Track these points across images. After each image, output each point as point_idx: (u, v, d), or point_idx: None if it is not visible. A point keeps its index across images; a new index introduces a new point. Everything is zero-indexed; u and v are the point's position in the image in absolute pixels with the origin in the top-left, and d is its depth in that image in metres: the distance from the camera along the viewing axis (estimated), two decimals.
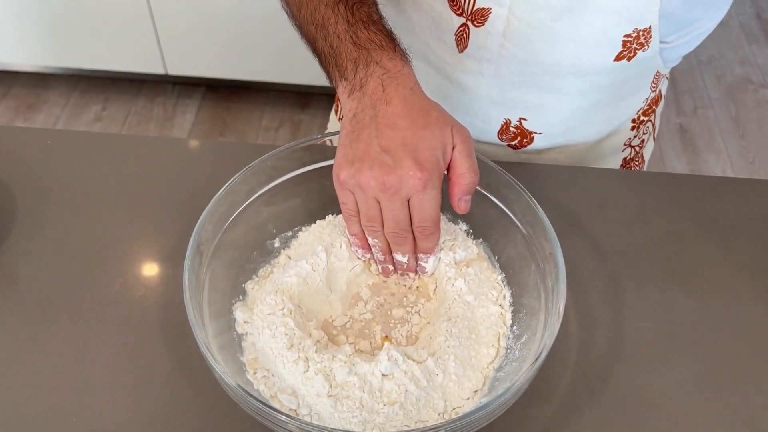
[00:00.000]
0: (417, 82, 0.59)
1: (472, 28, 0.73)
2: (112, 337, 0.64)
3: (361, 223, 0.60)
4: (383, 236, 0.61)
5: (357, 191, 0.58)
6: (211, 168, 0.79)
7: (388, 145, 0.55)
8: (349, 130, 0.58)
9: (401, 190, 0.56)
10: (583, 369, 0.63)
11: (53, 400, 0.60)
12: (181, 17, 1.98)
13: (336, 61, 0.61)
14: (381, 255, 0.63)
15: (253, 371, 0.58)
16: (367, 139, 0.56)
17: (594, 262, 0.70)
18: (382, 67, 0.58)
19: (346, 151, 0.58)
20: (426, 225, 0.58)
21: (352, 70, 0.59)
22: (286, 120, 2.20)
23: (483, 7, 0.71)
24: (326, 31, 0.62)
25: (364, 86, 0.58)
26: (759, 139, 2.23)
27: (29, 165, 0.79)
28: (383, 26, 0.62)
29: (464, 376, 0.57)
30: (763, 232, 0.74)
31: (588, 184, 0.79)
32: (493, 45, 0.74)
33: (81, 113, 2.23)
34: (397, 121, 0.56)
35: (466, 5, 0.72)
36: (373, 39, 0.60)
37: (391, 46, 0.60)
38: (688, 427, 0.59)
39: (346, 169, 0.57)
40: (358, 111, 0.58)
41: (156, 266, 0.70)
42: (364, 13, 0.62)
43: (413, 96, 0.58)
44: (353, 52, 0.60)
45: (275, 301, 0.60)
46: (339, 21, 0.61)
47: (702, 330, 0.66)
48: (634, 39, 0.70)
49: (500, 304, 0.63)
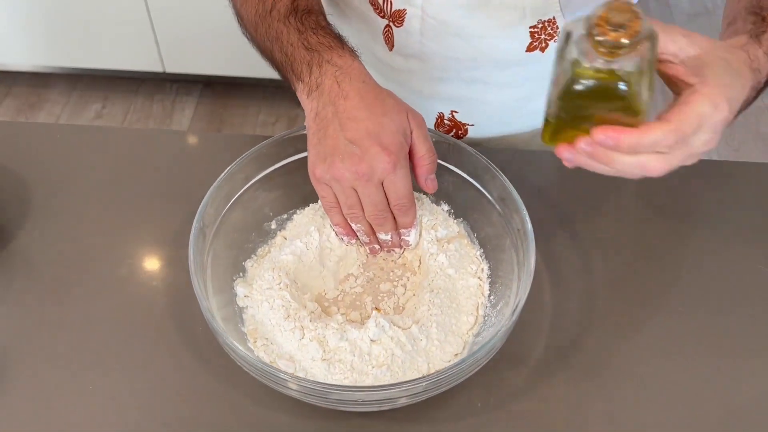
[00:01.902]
0: (368, 74, 0.64)
1: (395, 29, 0.80)
2: (122, 313, 0.70)
3: (343, 211, 0.66)
4: (365, 220, 0.66)
5: (334, 184, 0.63)
6: (210, 158, 0.84)
7: (354, 137, 0.61)
8: (315, 129, 0.63)
9: (374, 176, 0.61)
10: (556, 335, 0.68)
11: (70, 371, 0.65)
12: (178, 16, 2.02)
13: (292, 67, 0.66)
14: (366, 237, 0.68)
15: (254, 340, 0.64)
16: (334, 135, 0.62)
17: (566, 238, 0.76)
18: (333, 65, 0.63)
19: (317, 149, 0.63)
20: (402, 202, 0.64)
21: (307, 72, 0.64)
22: (283, 115, 2.25)
23: (399, 8, 0.77)
24: (281, 43, 0.67)
25: (321, 85, 0.63)
26: (743, 125, 2.28)
27: (41, 158, 0.84)
28: (331, 30, 0.67)
29: (445, 341, 0.63)
30: (727, 210, 0.80)
31: (561, 167, 0.84)
32: (414, 43, 0.80)
33: (81, 111, 2.28)
34: (357, 113, 0.61)
35: (385, 7, 0.78)
36: (322, 42, 0.65)
37: (340, 45, 0.65)
38: (653, 388, 0.65)
39: (320, 166, 0.62)
40: (320, 109, 0.63)
41: (161, 249, 0.75)
42: (313, 21, 0.67)
43: (367, 87, 0.63)
44: (306, 56, 0.65)
45: (272, 277, 0.66)
46: (291, 31, 0.67)
47: (667, 298, 0.71)
48: (541, 30, 0.75)
49: (479, 276, 0.68)
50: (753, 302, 0.71)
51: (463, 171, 0.71)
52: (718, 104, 0.49)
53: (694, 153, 0.52)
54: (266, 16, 0.69)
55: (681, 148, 0.51)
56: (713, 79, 0.50)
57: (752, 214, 0.79)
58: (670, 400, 0.64)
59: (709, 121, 0.50)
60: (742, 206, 0.80)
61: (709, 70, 0.51)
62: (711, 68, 0.51)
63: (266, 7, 0.69)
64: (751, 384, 0.65)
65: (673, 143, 0.50)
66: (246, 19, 0.73)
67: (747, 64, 0.54)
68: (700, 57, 0.52)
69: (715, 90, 0.50)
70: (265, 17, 0.69)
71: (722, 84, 0.50)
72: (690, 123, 0.49)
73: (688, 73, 0.52)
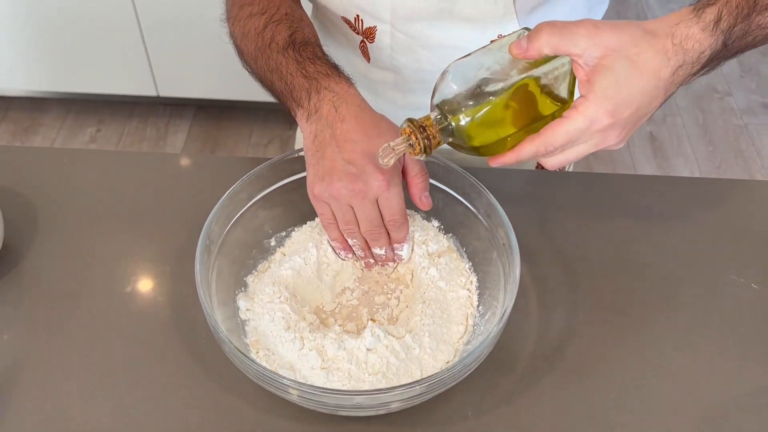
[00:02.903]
0: (363, 100, 0.69)
1: (368, 44, 0.85)
2: (128, 326, 0.73)
3: (340, 227, 0.70)
4: (361, 236, 0.70)
5: (332, 201, 0.68)
6: (208, 180, 0.88)
7: (351, 157, 0.66)
8: (313, 150, 0.68)
9: (369, 193, 0.66)
10: (542, 342, 0.72)
11: (79, 382, 0.69)
12: (172, 41, 2.06)
13: (292, 95, 0.71)
14: (361, 252, 0.73)
15: (256, 351, 0.67)
16: (331, 156, 0.66)
17: (551, 251, 0.80)
18: (331, 91, 0.68)
19: (315, 169, 0.67)
20: (396, 218, 0.68)
21: (306, 98, 0.69)
22: (275, 137, 2.29)
23: (370, 26, 0.83)
24: (280, 72, 0.72)
25: (319, 110, 0.68)
26: (724, 144, 2.35)
27: (45, 180, 0.88)
28: (327, 60, 0.72)
29: (437, 349, 0.67)
30: (706, 223, 0.84)
31: (545, 184, 0.89)
32: (386, 57, 0.86)
33: (76, 135, 2.32)
34: (354, 136, 0.66)
35: (357, 25, 0.84)
36: (320, 70, 0.70)
37: (336, 73, 0.70)
38: (635, 392, 0.69)
39: (318, 185, 0.67)
40: (318, 132, 0.68)
41: (164, 266, 0.79)
42: (310, 51, 0.72)
43: (363, 112, 0.68)
44: (305, 83, 0.70)
45: (273, 291, 0.70)
46: (289, 62, 0.72)
47: (648, 307, 0.75)
48: None
49: (468, 288, 0.72)
50: (729, 310, 0.75)
51: (452, 189, 0.75)
52: (596, 119, 0.56)
53: (584, 152, 0.59)
54: (265, 48, 0.74)
55: (561, 154, 0.59)
56: (597, 92, 0.55)
57: (730, 228, 0.83)
58: (652, 404, 0.68)
59: (587, 133, 0.57)
60: (720, 220, 0.84)
61: (598, 78, 0.55)
62: (601, 76, 0.55)
63: (265, 41, 0.74)
64: (729, 386, 0.69)
65: (548, 152, 0.58)
66: (246, 53, 0.77)
67: (663, 51, 0.56)
68: (601, 60, 0.56)
69: (592, 106, 0.56)
70: (264, 50, 0.74)
71: (605, 96, 0.55)
72: (559, 138, 0.57)
73: (583, 81, 0.57)
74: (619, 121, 0.56)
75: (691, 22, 0.56)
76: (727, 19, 0.56)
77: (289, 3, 0.80)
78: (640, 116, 0.58)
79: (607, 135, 0.57)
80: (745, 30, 0.58)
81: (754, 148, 2.33)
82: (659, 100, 0.58)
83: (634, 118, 0.57)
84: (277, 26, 0.75)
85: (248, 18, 0.77)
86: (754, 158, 2.29)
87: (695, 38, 0.56)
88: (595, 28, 0.56)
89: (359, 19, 0.83)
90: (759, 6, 0.58)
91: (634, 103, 0.56)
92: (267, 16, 0.76)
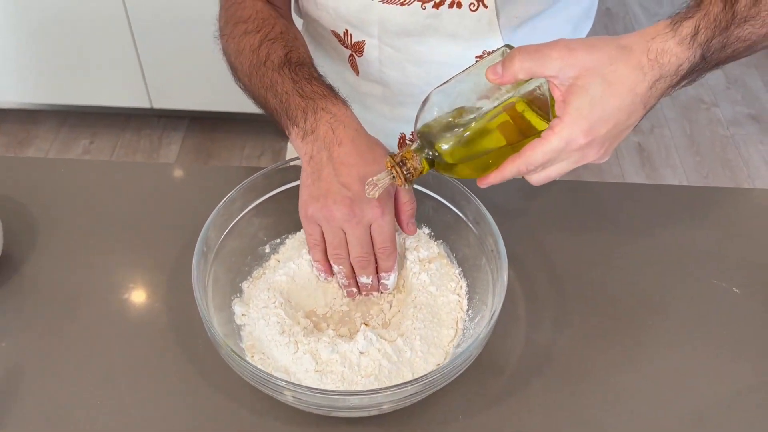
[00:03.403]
0: (359, 122, 0.70)
1: (357, 58, 0.87)
2: (126, 331, 0.75)
3: (328, 251, 0.71)
4: (348, 262, 0.71)
5: (324, 223, 0.69)
6: (203, 189, 0.90)
7: (347, 181, 0.67)
8: (309, 171, 0.69)
9: (364, 219, 0.67)
10: (530, 346, 0.74)
11: (78, 387, 0.70)
12: (165, 53, 2.08)
13: (287, 113, 0.71)
14: (345, 280, 0.73)
15: (252, 355, 0.69)
16: (328, 178, 0.68)
17: (539, 257, 0.82)
18: (328, 112, 0.69)
19: (310, 189, 0.68)
20: (386, 245, 0.69)
21: (302, 118, 0.70)
22: (268, 148, 2.31)
23: (359, 40, 0.85)
24: (275, 90, 0.73)
25: (316, 130, 0.69)
26: (711, 154, 2.38)
27: (43, 190, 0.89)
28: (323, 81, 0.73)
29: (428, 352, 0.68)
30: (691, 230, 0.86)
31: (534, 193, 0.91)
32: (374, 71, 0.87)
33: (70, 147, 2.33)
34: (350, 159, 0.67)
35: (346, 39, 0.86)
36: (316, 90, 0.71)
37: (333, 94, 0.71)
38: (622, 394, 0.71)
39: (312, 205, 0.68)
40: (314, 153, 0.69)
41: (160, 274, 0.80)
42: (306, 72, 0.73)
43: (359, 136, 0.69)
44: (301, 103, 0.71)
45: (268, 297, 0.71)
46: (285, 81, 0.73)
47: (634, 311, 0.78)
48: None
49: (458, 293, 0.74)
50: (713, 314, 0.77)
51: (442, 197, 0.77)
52: (572, 139, 0.57)
53: (566, 169, 0.60)
54: (260, 66, 0.75)
55: (543, 172, 0.60)
56: (572, 113, 0.57)
57: (713, 234, 0.86)
58: (639, 405, 0.70)
59: (565, 152, 0.58)
60: (706, 227, 0.87)
61: (573, 99, 0.57)
62: (575, 97, 0.57)
63: (260, 59, 0.75)
64: (715, 387, 0.71)
65: (529, 171, 0.60)
66: (240, 70, 0.78)
67: (639, 67, 0.56)
68: (576, 80, 0.57)
69: (567, 127, 0.57)
70: (259, 67, 0.75)
71: (579, 117, 0.57)
72: (537, 158, 0.59)
73: (559, 101, 0.58)
74: (596, 139, 0.58)
75: (667, 36, 0.57)
76: (704, 32, 0.57)
77: (284, 22, 0.81)
78: (620, 131, 0.59)
79: (585, 153, 0.59)
80: (724, 43, 0.58)
81: (741, 158, 2.36)
82: (639, 114, 0.59)
83: (613, 134, 0.58)
84: (272, 44, 0.76)
85: (243, 35, 0.78)
86: (741, 168, 2.33)
87: (672, 52, 0.57)
88: (569, 49, 0.57)
89: (348, 34, 0.85)
90: (738, 19, 0.58)
91: (611, 120, 0.57)
92: (262, 34, 0.77)
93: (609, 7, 2.91)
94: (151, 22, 2.01)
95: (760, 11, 0.58)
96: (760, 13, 0.58)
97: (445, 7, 0.77)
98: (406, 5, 0.78)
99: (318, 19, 0.86)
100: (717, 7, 0.57)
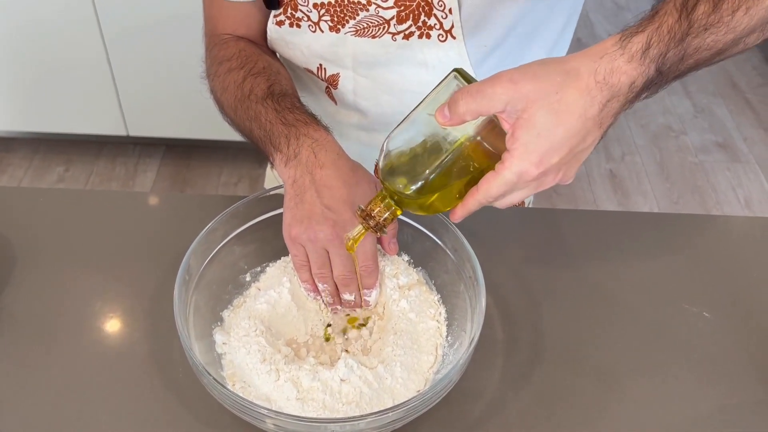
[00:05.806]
0: (341, 147, 0.72)
1: (332, 90, 0.89)
2: (105, 361, 0.74)
3: (312, 271, 0.72)
4: (332, 281, 0.73)
5: (308, 244, 0.70)
6: (180, 218, 0.91)
7: (330, 203, 0.69)
8: (292, 194, 0.71)
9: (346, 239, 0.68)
10: (509, 370, 0.75)
11: (56, 418, 0.69)
12: (142, 81, 2.09)
13: (270, 140, 0.74)
14: (330, 298, 0.75)
15: (233, 383, 0.69)
16: (311, 200, 0.69)
17: (515, 283, 0.84)
18: (310, 138, 0.71)
19: (294, 212, 0.70)
20: (368, 263, 0.71)
21: (285, 144, 0.72)
22: (245, 175, 2.32)
23: (333, 73, 0.87)
24: (259, 121, 0.76)
25: (298, 155, 0.71)
26: (681, 181, 2.44)
27: (21, 219, 0.89)
28: (305, 109, 0.76)
29: (409, 378, 0.69)
30: (660, 255, 0.89)
31: (510, 221, 0.93)
32: (349, 101, 0.90)
33: (44, 175, 2.31)
34: (333, 182, 0.69)
35: (321, 74, 0.88)
36: (298, 118, 0.74)
37: (314, 121, 0.74)
38: (598, 415, 0.72)
39: (296, 227, 0.70)
40: (297, 177, 0.71)
41: (139, 303, 0.80)
42: (288, 102, 0.76)
43: (340, 159, 0.71)
44: (284, 130, 0.73)
45: (249, 325, 0.72)
46: (269, 111, 0.75)
47: (608, 337, 0.79)
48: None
49: (437, 319, 0.75)
50: (684, 337, 0.79)
51: (421, 225, 0.78)
52: (523, 172, 0.57)
53: (527, 194, 0.61)
54: (245, 99, 0.77)
55: (504, 199, 0.61)
56: (519, 148, 0.57)
57: (683, 260, 0.88)
58: (615, 427, 0.71)
59: (520, 183, 0.58)
60: (675, 253, 0.89)
61: (520, 133, 0.56)
62: (523, 131, 0.56)
63: (244, 92, 0.78)
64: (687, 408, 0.73)
65: (490, 202, 0.61)
66: (226, 105, 0.81)
67: (587, 91, 0.55)
68: (522, 113, 0.56)
69: (516, 161, 0.57)
70: (243, 101, 0.77)
71: (527, 151, 0.56)
72: (494, 190, 0.59)
73: (509, 135, 0.58)
74: (550, 168, 0.58)
75: (615, 54, 0.55)
76: (657, 46, 0.54)
77: (266, 58, 0.83)
78: (576, 153, 0.58)
79: (542, 181, 0.59)
80: (681, 55, 0.55)
81: (709, 184, 2.42)
82: (595, 135, 0.58)
83: (567, 159, 0.58)
84: (255, 79, 0.78)
85: (227, 73, 0.81)
86: (710, 194, 2.38)
87: (621, 71, 0.54)
88: (512, 82, 0.56)
89: (322, 68, 0.87)
90: (695, 28, 0.55)
91: (563, 148, 0.57)
92: (245, 70, 0.80)
93: (579, 37, 2.98)
94: (129, 50, 2.02)
95: (722, 17, 0.55)
96: (721, 19, 0.55)
97: (414, 38, 0.80)
98: (377, 38, 0.80)
99: (290, 59, 0.88)
100: (671, 18, 0.55)
